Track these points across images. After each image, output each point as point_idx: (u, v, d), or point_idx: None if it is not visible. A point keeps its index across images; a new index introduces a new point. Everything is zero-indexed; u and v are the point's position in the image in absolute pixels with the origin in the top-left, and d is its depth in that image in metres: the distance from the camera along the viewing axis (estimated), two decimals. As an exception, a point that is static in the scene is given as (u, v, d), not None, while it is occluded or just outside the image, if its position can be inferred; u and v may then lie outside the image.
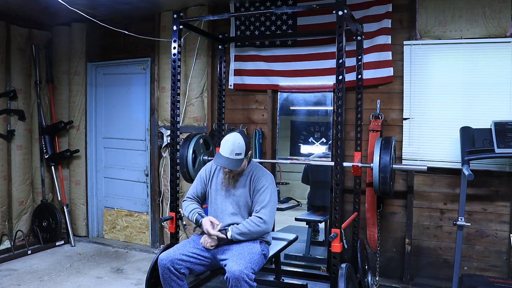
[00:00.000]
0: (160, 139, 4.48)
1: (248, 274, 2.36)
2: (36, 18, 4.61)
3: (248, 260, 2.44)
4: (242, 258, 2.45)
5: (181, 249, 2.61)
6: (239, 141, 2.59)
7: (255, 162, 2.84)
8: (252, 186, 2.68)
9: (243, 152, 2.60)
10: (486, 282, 2.85)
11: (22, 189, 4.66)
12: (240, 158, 2.60)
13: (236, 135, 2.64)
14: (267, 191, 2.64)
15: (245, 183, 2.71)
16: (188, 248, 2.62)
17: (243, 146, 2.60)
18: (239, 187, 2.71)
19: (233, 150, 2.57)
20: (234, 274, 2.33)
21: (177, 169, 3.24)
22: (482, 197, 3.28)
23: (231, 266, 2.38)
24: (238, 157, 2.58)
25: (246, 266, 2.38)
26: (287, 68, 3.85)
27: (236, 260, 2.42)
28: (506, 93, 3.16)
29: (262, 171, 2.75)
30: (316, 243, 3.95)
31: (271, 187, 2.68)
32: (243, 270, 2.34)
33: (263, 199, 2.63)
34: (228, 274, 2.36)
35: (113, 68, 4.84)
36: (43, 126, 4.74)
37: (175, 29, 3.08)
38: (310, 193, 4.05)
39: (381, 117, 3.46)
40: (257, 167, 2.78)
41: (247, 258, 2.45)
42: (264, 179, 2.68)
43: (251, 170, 2.74)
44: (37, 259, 4.21)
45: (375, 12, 3.49)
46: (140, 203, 4.73)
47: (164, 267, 2.53)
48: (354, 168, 3.16)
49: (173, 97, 3.15)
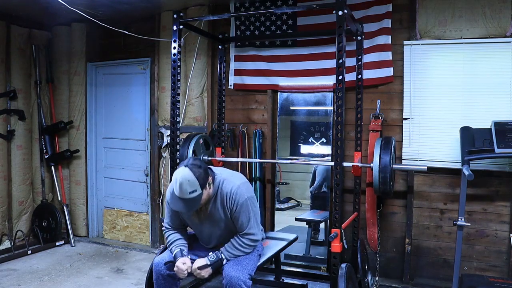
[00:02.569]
0: (160, 139, 4.48)
1: (245, 280, 2.33)
2: (36, 18, 4.61)
3: (245, 265, 2.41)
4: (239, 263, 2.41)
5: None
6: (189, 178, 2.24)
7: (219, 176, 2.49)
8: (228, 207, 2.42)
9: (198, 187, 2.26)
10: (486, 282, 2.85)
11: (22, 189, 4.66)
12: (196, 195, 2.27)
13: (183, 170, 2.27)
14: (244, 206, 2.41)
15: (218, 207, 2.45)
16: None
17: (194, 181, 2.25)
18: (216, 212, 2.46)
19: (185, 190, 2.24)
20: (231, 281, 2.31)
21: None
22: (482, 197, 3.28)
23: (228, 271, 2.35)
24: (193, 195, 2.26)
25: (243, 272, 2.35)
26: (287, 68, 3.85)
27: (233, 266, 2.38)
28: (506, 93, 3.16)
29: (229, 184, 2.44)
30: (316, 243, 3.94)
31: (246, 198, 2.42)
32: (240, 276, 2.32)
33: (245, 218, 2.42)
34: (224, 280, 2.33)
35: (113, 68, 4.84)
36: (43, 126, 4.74)
37: (175, 29, 3.08)
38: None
39: (381, 117, 3.46)
40: (223, 182, 2.45)
41: (243, 263, 2.41)
42: (235, 195, 2.40)
43: (218, 190, 2.45)
44: (37, 259, 4.21)
45: (375, 12, 3.49)
46: (140, 203, 4.73)
47: (159, 273, 2.47)
48: (354, 168, 3.16)
49: (173, 97, 3.15)
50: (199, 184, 2.27)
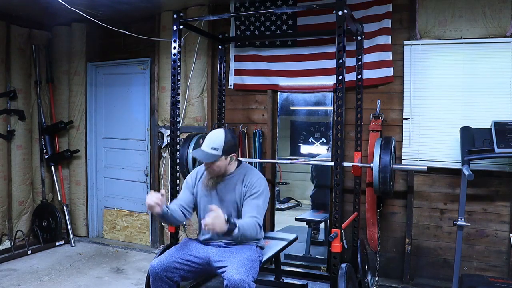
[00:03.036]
0: (160, 139, 4.48)
1: (250, 283, 2.25)
2: (36, 18, 4.61)
3: (249, 268, 2.33)
4: (243, 266, 2.32)
5: (173, 256, 2.49)
6: (219, 136, 2.49)
7: (247, 165, 2.70)
8: (244, 190, 2.53)
9: (220, 148, 2.45)
10: (486, 282, 2.85)
11: (22, 189, 4.66)
12: (215, 154, 2.45)
13: (219, 131, 2.54)
14: (261, 196, 2.50)
15: (234, 188, 2.56)
16: (181, 255, 2.50)
17: (221, 141, 2.46)
18: (228, 192, 2.57)
19: (209, 144, 2.48)
20: (235, 283, 2.20)
21: (177, 169, 3.24)
22: (482, 197, 3.28)
23: (232, 274, 2.25)
24: (213, 151, 2.46)
25: (247, 274, 2.27)
26: (287, 68, 3.85)
27: (237, 268, 2.29)
28: (506, 93, 3.16)
29: (255, 175, 2.59)
30: (316, 243, 3.94)
31: (265, 192, 2.55)
32: (245, 279, 2.23)
33: (257, 203, 2.48)
34: (228, 282, 2.23)
35: (113, 68, 4.84)
36: (43, 126, 4.74)
37: (175, 29, 3.08)
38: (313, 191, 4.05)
39: (381, 117, 3.46)
40: (250, 171, 2.62)
41: (247, 266, 2.33)
42: (258, 184, 2.53)
43: (242, 173, 2.59)
44: (37, 259, 4.21)
45: (375, 12, 3.49)
46: (140, 203, 4.72)
47: (156, 276, 2.41)
48: (354, 168, 3.16)
49: (173, 97, 3.15)
50: (222, 148, 2.47)
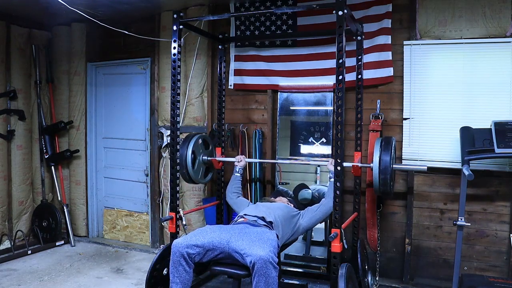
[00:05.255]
0: (160, 139, 4.48)
1: (274, 257, 2.32)
2: (36, 18, 4.61)
3: (272, 246, 2.39)
4: (265, 243, 2.39)
5: (197, 235, 2.55)
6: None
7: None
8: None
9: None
10: (486, 282, 2.85)
11: (22, 189, 4.66)
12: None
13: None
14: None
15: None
16: (202, 236, 2.55)
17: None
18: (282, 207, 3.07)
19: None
20: (261, 257, 2.26)
21: (177, 169, 3.24)
22: (482, 197, 3.28)
23: (256, 250, 2.31)
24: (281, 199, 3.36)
25: (271, 250, 2.34)
26: (287, 68, 3.85)
27: (260, 245, 2.36)
28: (506, 93, 3.16)
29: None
30: (316, 243, 3.94)
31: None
32: (269, 253, 2.30)
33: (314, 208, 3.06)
34: (253, 258, 2.28)
35: (113, 68, 4.84)
36: (43, 126, 4.74)
37: (175, 29, 3.08)
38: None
39: (381, 117, 3.46)
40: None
41: (268, 244, 2.40)
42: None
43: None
44: (37, 259, 4.21)
45: (375, 12, 3.49)
46: (140, 203, 4.73)
47: (178, 252, 2.48)
48: (354, 168, 3.16)
49: (173, 97, 3.15)
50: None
